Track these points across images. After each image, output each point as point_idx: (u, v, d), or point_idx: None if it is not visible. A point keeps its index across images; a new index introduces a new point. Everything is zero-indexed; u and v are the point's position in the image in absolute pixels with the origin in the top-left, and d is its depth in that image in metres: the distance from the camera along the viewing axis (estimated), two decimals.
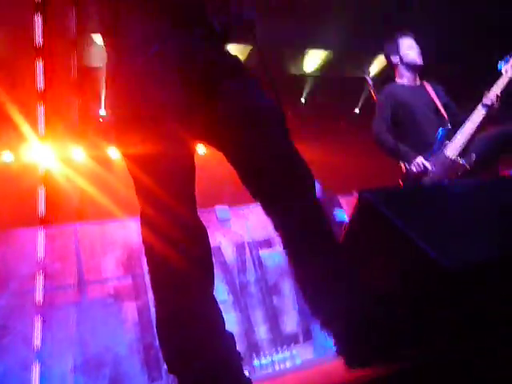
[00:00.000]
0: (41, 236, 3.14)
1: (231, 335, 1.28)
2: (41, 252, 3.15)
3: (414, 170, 3.20)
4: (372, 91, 3.47)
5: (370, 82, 3.51)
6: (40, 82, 3.44)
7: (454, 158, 3.16)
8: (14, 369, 4.17)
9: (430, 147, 3.27)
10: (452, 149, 3.19)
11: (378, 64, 6.48)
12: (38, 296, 3.07)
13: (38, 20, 3.85)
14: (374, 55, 6.41)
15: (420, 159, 3.21)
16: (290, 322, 5.47)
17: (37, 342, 3.11)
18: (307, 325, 5.55)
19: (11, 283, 4.58)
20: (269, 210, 1.42)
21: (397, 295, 1.24)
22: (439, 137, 3.25)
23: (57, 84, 4.87)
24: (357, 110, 7.49)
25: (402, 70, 3.57)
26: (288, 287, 5.67)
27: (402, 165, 3.36)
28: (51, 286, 4.52)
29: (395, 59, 3.58)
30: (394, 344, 1.17)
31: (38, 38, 3.66)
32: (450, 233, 1.45)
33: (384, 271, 1.34)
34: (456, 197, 1.75)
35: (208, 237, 1.34)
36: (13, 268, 4.64)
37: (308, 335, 5.51)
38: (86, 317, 4.62)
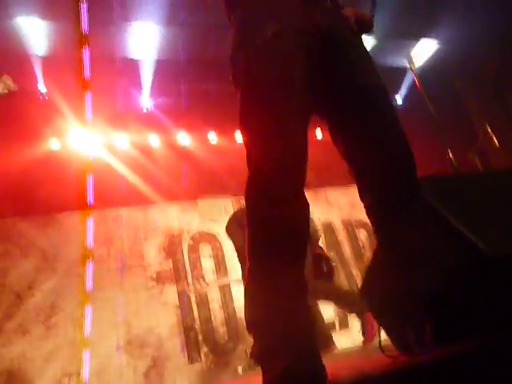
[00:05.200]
0: (89, 223, 3.26)
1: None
2: (90, 238, 3.27)
3: None
4: (416, 80, 3.34)
5: (414, 71, 3.38)
6: (86, 71, 3.54)
7: None
8: (62, 346, 4.39)
9: None
10: None
11: (422, 51, 6.23)
12: (88, 283, 3.21)
13: (84, 8, 3.94)
14: (417, 40, 6.19)
15: None
16: (327, 310, 5.49)
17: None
18: (344, 313, 5.56)
19: (59, 265, 4.79)
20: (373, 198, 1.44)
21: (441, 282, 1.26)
22: None
23: (101, 74, 5.01)
24: (399, 101, 7.27)
25: None
26: None
27: None
28: (97, 269, 4.71)
29: None
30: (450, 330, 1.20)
31: (84, 25, 3.76)
32: (491, 220, 1.45)
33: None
34: (498, 185, 1.73)
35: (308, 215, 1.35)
36: (60, 251, 4.85)
37: (344, 323, 5.53)
38: (130, 299, 4.79)
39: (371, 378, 0.90)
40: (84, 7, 3.71)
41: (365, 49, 1.54)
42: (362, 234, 6.15)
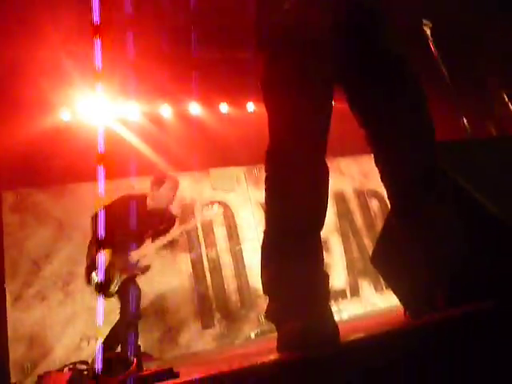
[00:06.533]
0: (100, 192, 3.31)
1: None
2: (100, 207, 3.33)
3: None
4: (431, 44, 3.11)
5: (429, 33, 3.13)
6: (98, 62, 3.52)
7: None
8: (80, 312, 4.52)
9: None
10: None
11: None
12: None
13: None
14: None
15: None
16: (338, 278, 5.55)
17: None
18: (355, 281, 5.62)
19: (75, 234, 4.88)
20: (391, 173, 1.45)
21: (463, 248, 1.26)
22: None
23: (112, 43, 4.96)
24: None
25: None
26: (337, 243, 5.73)
27: None
28: None
29: None
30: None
31: (96, 16, 3.74)
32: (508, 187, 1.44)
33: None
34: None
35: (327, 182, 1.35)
36: (76, 220, 4.93)
37: (355, 291, 5.59)
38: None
39: (380, 337, 0.92)
40: None
41: (389, 17, 1.52)
42: (374, 204, 6.15)
